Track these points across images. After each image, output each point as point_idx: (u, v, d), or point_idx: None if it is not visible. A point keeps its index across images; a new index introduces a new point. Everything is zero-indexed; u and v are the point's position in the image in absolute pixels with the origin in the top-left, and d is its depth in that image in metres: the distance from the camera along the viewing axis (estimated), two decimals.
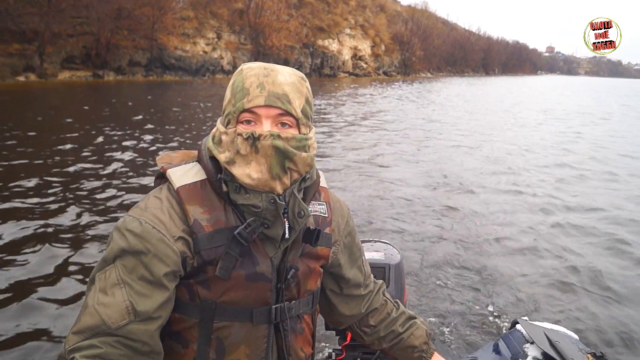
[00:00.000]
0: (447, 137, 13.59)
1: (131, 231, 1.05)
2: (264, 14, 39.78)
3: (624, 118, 23.89)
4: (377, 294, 1.48)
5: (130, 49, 29.97)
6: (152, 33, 30.76)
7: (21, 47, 24.68)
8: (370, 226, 5.85)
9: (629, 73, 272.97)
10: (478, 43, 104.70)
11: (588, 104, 33.41)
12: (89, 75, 27.91)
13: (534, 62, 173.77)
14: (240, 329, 1.14)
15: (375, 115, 18.45)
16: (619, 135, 16.27)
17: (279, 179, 1.09)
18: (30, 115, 13.18)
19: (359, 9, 59.35)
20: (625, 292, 4.47)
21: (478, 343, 3.41)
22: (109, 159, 8.60)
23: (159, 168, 1.21)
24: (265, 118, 1.08)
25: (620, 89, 68.84)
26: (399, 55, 64.12)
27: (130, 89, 24.54)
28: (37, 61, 25.55)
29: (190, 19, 34.65)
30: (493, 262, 4.94)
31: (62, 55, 26.89)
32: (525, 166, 10.19)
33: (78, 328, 1.01)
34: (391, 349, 1.47)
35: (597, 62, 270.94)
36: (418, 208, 6.75)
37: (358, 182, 8.07)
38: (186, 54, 33.74)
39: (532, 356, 1.53)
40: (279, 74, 1.11)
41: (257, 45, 39.44)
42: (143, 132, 11.51)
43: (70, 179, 7.24)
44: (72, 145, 9.60)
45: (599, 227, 6.33)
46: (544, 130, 16.83)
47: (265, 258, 1.14)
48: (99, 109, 15.71)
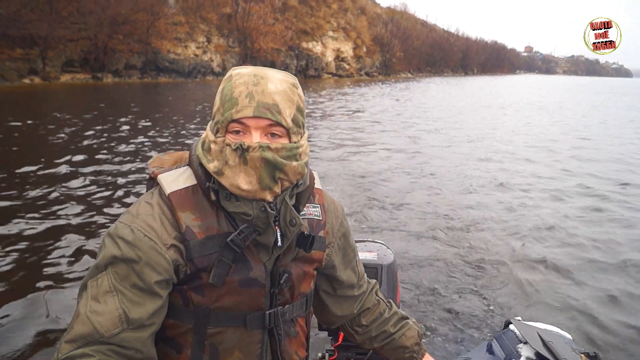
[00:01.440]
0: (433, 136, 14.08)
1: (123, 238, 1.04)
2: (251, 18, 41.99)
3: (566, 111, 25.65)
4: (370, 293, 1.47)
5: (126, 53, 31.87)
6: (146, 38, 32.69)
7: (25, 52, 26.39)
8: (364, 226, 5.87)
9: (606, 72, 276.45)
10: (457, 44, 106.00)
11: (544, 98, 35.92)
12: (88, 78, 29.73)
13: (512, 61, 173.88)
14: (234, 334, 1.14)
15: (355, 113, 19.68)
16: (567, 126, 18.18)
17: (269, 189, 1.08)
18: (46, 111, 14.92)
19: (341, 12, 61.71)
20: (618, 292, 4.45)
21: (471, 343, 3.41)
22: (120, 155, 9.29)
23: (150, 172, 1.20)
24: (254, 129, 1.06)
25: (586, 86, 70.96)
26: (379, 57, 66.31)
27: (128, 90, 26.17)
28: (40, 65, 27.31)
29: (182, 24, 36.69)
30: (486, 262, 4.95)
31: (63, 59, 28.68)
32: (514, 164, 10.41)
33: (70, 336, 0.99)
34: (382, 348, 1.47)
35: (575, 61, 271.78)
36: (412, 208, 6.78)
37: (351, 180, 8.18)
38: (178, 57, 35.77)
39: (526, 356, 1.52)
40: (269, 82, 1.07)
41: (244, 48, 41.56)
42: (142, 128, 12.64)
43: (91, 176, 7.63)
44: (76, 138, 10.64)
45: (592, 225, 6.38)
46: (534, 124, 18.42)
47: (258, 264, 1.13)
48: (112, 106, 17.37)
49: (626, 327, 3.85)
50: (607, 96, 45.87)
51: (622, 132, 17.25)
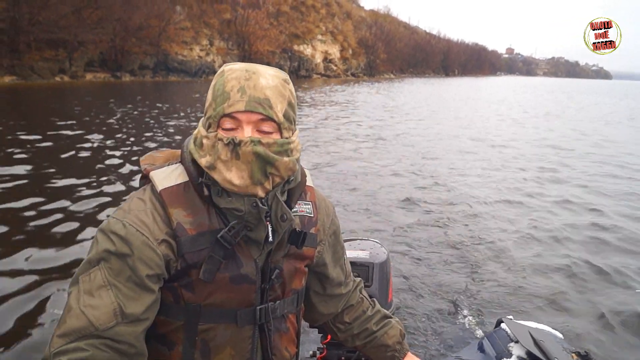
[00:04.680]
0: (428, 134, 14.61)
1: (115, 233, 1.04)
2: (248, 24, 46.54)
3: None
4: (355, 291, 1.48)
5: (140, 55, 36.02)
6: (158, 41, 36.87)
7: (54, 53, 30.44)
8: (357, 224, 5.93)
9: (586, 74, 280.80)
10: (438, 45, 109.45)
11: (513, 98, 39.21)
12: (109, 76, 33.85)
13: (493, 63, 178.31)
14: (225, 330, 1.15)
15: (343, 112, 21.02)
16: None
17: (261, 184, 1.08)
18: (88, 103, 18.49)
19: (329, 16, 66.47)
20: (610, 292, 4.47)
21: (463, 342, 3.41)
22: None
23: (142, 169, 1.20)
24: (246, 124, 1.07)
25: (557, 87, 73.83)
26: (364, 58, 70.77)
27: (146, 88, 29.93)
28: (67, 65, 31.34)
29: (188, 29, 41.03)
30: (479, 261, 4.98)
31: (85, 60, 32.66)
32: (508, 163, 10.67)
33: (63, 330, 0.98)
34: (364, 347, 1.48)
35: (555, 63, 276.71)
36: (407, 206, 6.85)
37: (344, 178, 8.34)
38: (185, 58, 40.04)
39: (517, 355, 1.53)
40: (260, 76, 1.08)
41: (242, 51, 46.05)
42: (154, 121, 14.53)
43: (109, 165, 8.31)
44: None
45: (585, 222, 6.49)
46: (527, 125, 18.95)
47: (249, 260, 1.14)
48: (127, 102, 20.12)
49: (617, 327, 3.83)
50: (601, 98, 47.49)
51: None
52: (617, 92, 67.61)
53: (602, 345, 3.59)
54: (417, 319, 3.75)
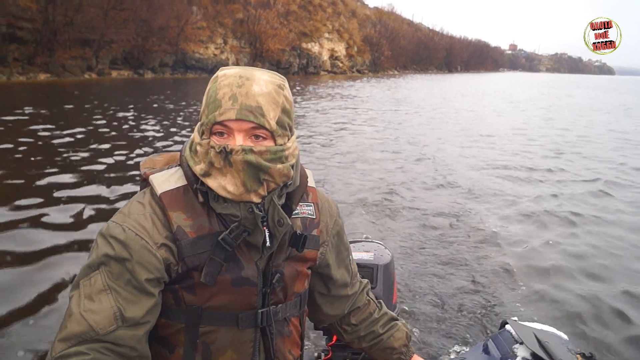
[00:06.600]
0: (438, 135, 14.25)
1: (115, 237, 1.05)
2: (260, 23, 48.76)
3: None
4: (361, 293, 1.49)
5: (160, 53, 38.25)
6: (176, 41, 39.17)
7: (82, 52, 32.66)
8: (358, 226, 5.88)
9: (588, 69, 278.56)
10: (441, 42, 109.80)
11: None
12: (132, 74, 36.17)
13: (496, 59, 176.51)
14: (227, 333, 1.15)
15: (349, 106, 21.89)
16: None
17: (254, 191, 1.08)
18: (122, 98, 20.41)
19: (335, 15, 68.29)
20: (615, 293, 4.42)
21: (467, 343, 3.41)
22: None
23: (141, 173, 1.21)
24: (237, 132, 1.06)
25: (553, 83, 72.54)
26: (369, 55, 72.19)
27: (169, 84, 31.74)
28: (94, 63, 33.58)
29: (204, 28, 43.40)
30: (484, 263, 4.94)
31: (109, 58, 34.87)
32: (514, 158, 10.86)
33: (64, 335, 0.99)
34: (370, 349, 1.49)
35: (558, 59, 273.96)
36: (412, 207, 6.80)
37: (348, 177, 8.32)
38: (202, 56, 42.38)
39: (522, 356, 1.53)
40: (254, 83, 1.06)
41: (254, 49, 48.44)
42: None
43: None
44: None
45: (591, 225, 6.37)
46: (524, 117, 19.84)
47: (250, 263, 1.14)
48: (150, 98, 21.47)
49: (622, 328, 3.80)
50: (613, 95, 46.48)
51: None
52: (613, 88, 67.20)
53: (608, 347, 3.55)
54: (421, 321, 3.73)
